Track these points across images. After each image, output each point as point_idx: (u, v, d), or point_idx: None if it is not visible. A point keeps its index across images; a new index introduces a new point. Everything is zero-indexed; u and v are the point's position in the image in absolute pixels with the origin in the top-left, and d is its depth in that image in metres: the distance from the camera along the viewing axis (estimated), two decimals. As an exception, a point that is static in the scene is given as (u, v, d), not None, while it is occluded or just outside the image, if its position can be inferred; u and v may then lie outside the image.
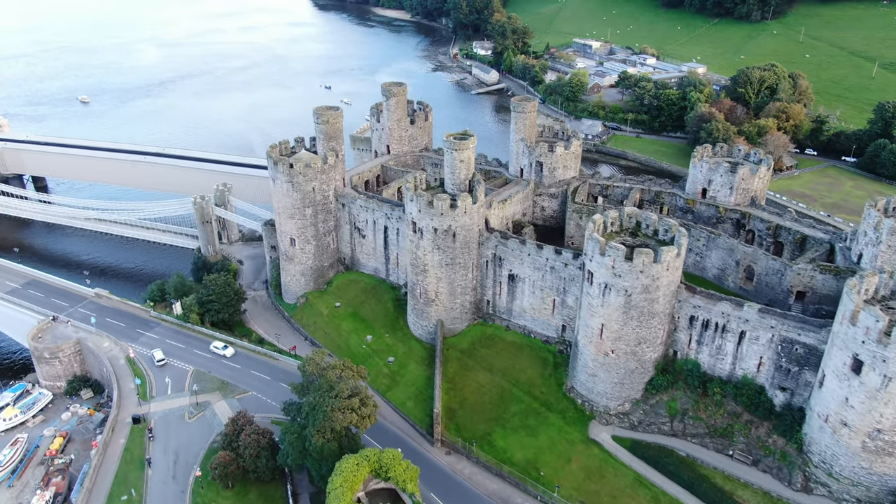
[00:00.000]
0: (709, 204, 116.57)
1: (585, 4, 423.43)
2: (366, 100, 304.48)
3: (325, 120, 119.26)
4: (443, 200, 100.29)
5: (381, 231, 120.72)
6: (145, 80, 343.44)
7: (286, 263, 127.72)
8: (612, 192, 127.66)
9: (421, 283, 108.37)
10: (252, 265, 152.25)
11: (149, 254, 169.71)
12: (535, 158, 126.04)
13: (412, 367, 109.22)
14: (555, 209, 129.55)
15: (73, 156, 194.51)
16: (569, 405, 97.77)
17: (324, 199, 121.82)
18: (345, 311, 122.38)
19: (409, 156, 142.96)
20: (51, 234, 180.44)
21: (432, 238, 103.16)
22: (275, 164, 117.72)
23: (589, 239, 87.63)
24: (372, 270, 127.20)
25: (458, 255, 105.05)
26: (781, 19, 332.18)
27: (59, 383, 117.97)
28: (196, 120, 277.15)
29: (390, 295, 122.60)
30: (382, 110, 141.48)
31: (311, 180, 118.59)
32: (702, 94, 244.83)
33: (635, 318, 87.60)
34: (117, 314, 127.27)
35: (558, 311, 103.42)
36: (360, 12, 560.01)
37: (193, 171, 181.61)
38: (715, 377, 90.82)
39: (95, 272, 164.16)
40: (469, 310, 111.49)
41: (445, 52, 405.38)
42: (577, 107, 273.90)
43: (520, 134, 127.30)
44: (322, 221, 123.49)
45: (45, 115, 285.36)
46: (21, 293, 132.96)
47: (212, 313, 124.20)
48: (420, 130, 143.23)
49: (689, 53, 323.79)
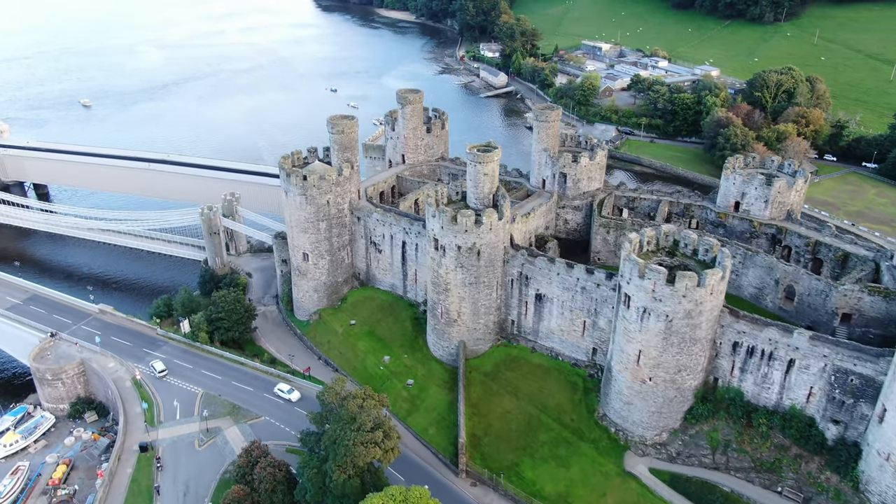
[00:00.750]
0: (742, 218, 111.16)
1: (593, 6, 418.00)
2: (373, 104, 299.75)
3: (339, 130, 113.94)
4: (467, 217, 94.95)
5: (399, 246, 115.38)
6: (147, 82, 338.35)
7: (298, 279, 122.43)
8: (639, 204, 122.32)
9: (442, 302, 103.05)
10: (261, 278, 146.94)
11: (154, 265, 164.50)
12: (558, 169, 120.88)
13: (433, 391, 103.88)
14: (578, 222, 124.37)
15: (75, 163, 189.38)
16: (601, 434, 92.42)
17: (338, 213, 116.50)
18: (360, 329, 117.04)
19: (424, 165, 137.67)
20: (53, 244, 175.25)
21: (455, 256, 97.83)
22: (287, 176, 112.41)
23: (626, 260, 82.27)
24: (388, 287, 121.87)
25: (483, 273, 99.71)
26: (795, 21, 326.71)
27: (62, 406, 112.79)
28: (200, 124, 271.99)
29: (408, 313, 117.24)
30: (397, 118, 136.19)
31: (325, 193, 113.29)
32: (717, 98, 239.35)
33: (676, 344, 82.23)
34: (122, 332, 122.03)
35: (589, 334, 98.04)
36: (363, 13, 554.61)
37: (200, 179, 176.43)
38: (760, 407, 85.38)
39: (99, 284, 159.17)
40: (492, 330, 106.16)
41: (452, 54, 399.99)
42: (589, 111, 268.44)
43: (542, 144, 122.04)
44: (336, 236, 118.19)
45: (46, 120, 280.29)
46: (22, 309, 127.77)
47: (221, 331, 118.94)
48: (436, 139, 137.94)
49: (702, 56, 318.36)
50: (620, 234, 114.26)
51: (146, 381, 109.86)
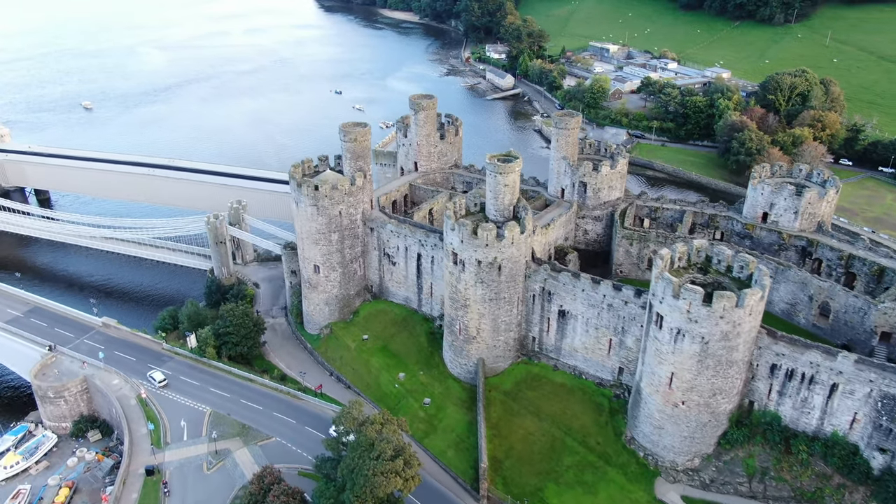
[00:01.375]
0: (770, 230, 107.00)
1: (599, 6, 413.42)
2: (378, 106, 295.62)
3: (352, 138, 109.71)
4: (488, 231, 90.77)
5: (414, 259, 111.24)
6: (150, 84, 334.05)
7: (309, 291, 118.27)
8: (662, 214, 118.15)
9: (461, 318, 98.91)
10: (269, 289, 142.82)
11: (158, 274, 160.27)
12: (578, 178, 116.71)
13: (451, 411, 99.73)
14: (598, 232, 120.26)
15: (77, 168, 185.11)
16: (630, 458, 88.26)
17: (351, 224, 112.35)
18: (374, 344, 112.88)
19: (438, 173, 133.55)
20: (54, 251, 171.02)
21: (475, 271, 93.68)
22: (298, 186, 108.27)
23: (659, 278, 78.08)
24: (402, 300, 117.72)
25: (503, 289, 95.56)
26: (805, 22, 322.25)
27: (65, 424, 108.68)
28: (203, 127, 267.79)
29: (423, 328, 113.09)
30: (409, 124, 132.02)
31: (337, 203, 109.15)
32: (730, 101, 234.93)
33: (711, 367, 78.06)
34: (126, 346, 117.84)
35: (615, 352, 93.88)
36: (366, 14, 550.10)
37: (205, 186, 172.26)
38: (799, 433, 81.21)
39: (101, 294, 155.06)
40: (513, 347, 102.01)
41: (457, 56, 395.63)
42: (599, 114, 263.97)
43: (561, 152, 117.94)
44: (349, 247, 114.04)
45: (47, 123, 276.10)
46: (23, 322, 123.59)
47: (229, 346, 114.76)
48: (450, 146, 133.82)
49: (711, 57, 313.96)
50: (644, 247, 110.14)
51: (151, 399, 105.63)
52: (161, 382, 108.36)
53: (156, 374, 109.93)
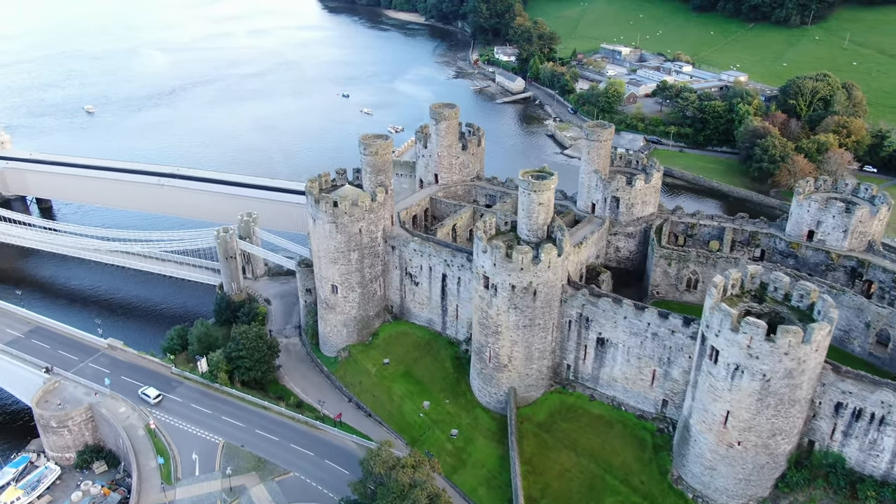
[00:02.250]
0: (817, 249, 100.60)
1: (610, 8, 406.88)
2: (387, 110, 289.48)
3: (373, 151, 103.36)
4: (523, 254, 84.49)
5: (439, 279, 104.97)
6: (153, 87, 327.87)
7: (326, 312, 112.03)
8: (698, 231, 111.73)
9: (491, 345, 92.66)
10: (281, 306, 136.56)
11: (165, 288, 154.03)
12: (610, 193, 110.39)
13: (480, 444, 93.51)
14: (631, 250, 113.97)
15: (80, 177, 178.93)
16: (677, 500, 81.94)
17: (371, 242, 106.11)
18: (395, 369, 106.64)
19: (459, 186, 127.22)
20: (56, 264, 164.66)
21: (508, 296, 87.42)
22: (316, 203, 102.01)
23: (715, 310, 71.78)
24: (425, 322, 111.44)
25: (538, 315, 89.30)
26: (822, 24, 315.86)
27: (69, 455, 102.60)
28: (209, 132, 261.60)
29: (448, 352, 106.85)
30: (430, 134, 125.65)
31: (357, 221, 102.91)
32: (750, 106, 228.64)
33: (772, 406, 71.76)
34: (133, 370, 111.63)
35: (659, 384, 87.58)
36: (371, 15, 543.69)
37: (214, 196, 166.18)
38: (866, 476, 74.93)
39: (105, 309, 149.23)
40: (546, 375, 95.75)
41: (465, 58, 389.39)
42: (614, 118, 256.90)
43: (593, 165, 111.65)
44: (369, 266, 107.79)
45: (49, 128, 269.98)
46: (24, 344, 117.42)
47: (242, 371, 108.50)
48: (472, 157, 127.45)
49: (726, 60, 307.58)
50: (683, 267, 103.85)
51: (161, 429, 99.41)
52: (156, 399, 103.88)
53: (149, 390, 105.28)
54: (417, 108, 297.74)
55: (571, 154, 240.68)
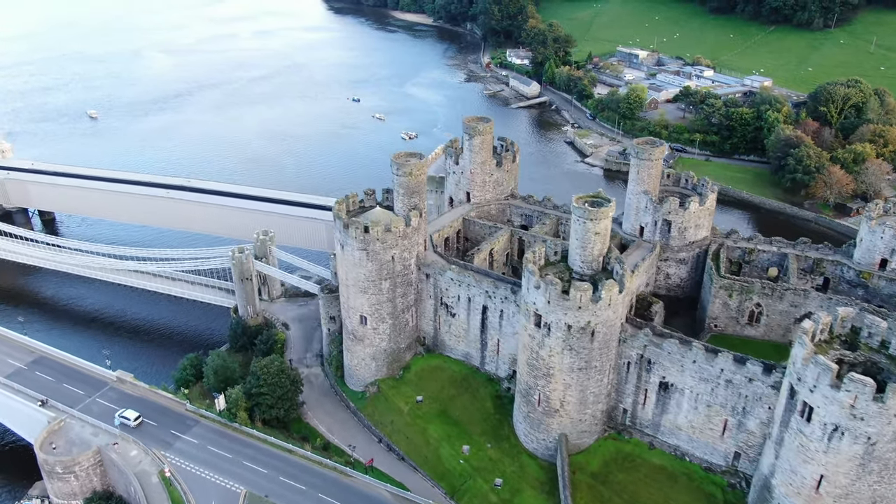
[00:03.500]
0: (891, 279, 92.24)
1: (624, 9, 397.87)
2: (399, 115, 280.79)
3: (407, 172, 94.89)
4: (583, 291, 75.98)
5: (479, 311, 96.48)
6: (158, 91, 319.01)
7: (353, 344, 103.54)
8: (756, 257, 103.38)
9: (541, 388, 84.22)
10: (300, 330, 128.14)
11: (175, 309, 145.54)
12: (661, 216, 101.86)
13: (528, 495, 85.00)
14: (682, 277, 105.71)
15: (85, 189, 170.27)
16: (756, 568, 73.54)
17: (404, 270, 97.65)
18: (430, 408, 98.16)
19: (493, 205, 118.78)
20: (59, 281, 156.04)
21: (563, 337, 78.93)
22: (345, 228, 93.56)
23: (810, 362, 63.31)
24: (461, 356, 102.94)
25: (595, 357, 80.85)
26: (845, 27, 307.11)
27: (75, 502, 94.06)
28: (217, 139, 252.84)
29: (488, 390, 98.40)
30: (462, 150, 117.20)
31: (390, 247, 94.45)
32: (779, 113, 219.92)
33: (875, 472, 63.32)
34: (145, 406, 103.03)
35: (731, 435, 79.08)
36: (377, 16, 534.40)
37: (226, 210, 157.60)
38: (979, 550, 66.44)
39: (111, 331, 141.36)
40: (600, 420, 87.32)
41: (476, 60, 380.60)
42: (635, 125, 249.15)
43: (642, 185, 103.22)
44: (401, 296, 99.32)
45: (51, 134, 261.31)
46: (27, 376, 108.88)
47: (263, 409, 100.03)
48: (506, 174, 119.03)
49: (747, 64, 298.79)
50: (745, 299, 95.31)
51: (176, 476, 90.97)
52: (136, 421, 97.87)
53: (128, 412, 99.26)
54: (430, 113, 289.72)
55: (593, 163, 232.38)
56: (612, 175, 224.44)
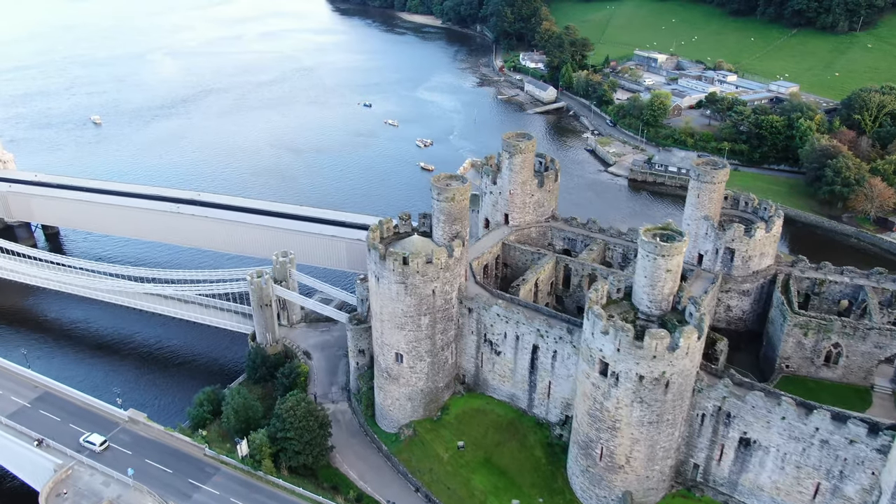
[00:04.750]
0: None
1: (639, 12, 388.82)
2: (413, 122, 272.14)
3: (449, 197, 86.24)
4: (659, 339, 67.38)
5: (528, 350, 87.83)
6: (163, 97, 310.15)
7: (387, 383, 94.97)
8: (827, 289, 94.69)
9: (605, 442, 75.62)
10: (323, 360, 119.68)
11: (187, 333, 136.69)
12: (724, 244, 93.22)
13: (589, 560, 76.44)
14: (745, 309, 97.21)
15: (90, 203, 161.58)
16: None
17: (445, 304, 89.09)
18: (473, 455, 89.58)
19: (533, 227, 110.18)
20: (62, 302, 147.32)
21: (634, 388, 70.34)
22: (381, 259, 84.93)
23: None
24: (506, 397, 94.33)
25: (668, 409, 72.24)
26: (871, 31, 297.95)
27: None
28: (227, 147, 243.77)
29: (537, 436, 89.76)
30: (500, 169, 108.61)
31: (431, 281, 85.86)
32: (812, 121, 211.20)
33: None
34: (159, 451, 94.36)
35: (824, 500, 70.40)
36: (384, 17, 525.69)
37: (240, 227, 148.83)
38: None
39: (118, 357, 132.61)
40: (668, 476, 78.68)
41: (488, 64, 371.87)
42: (659, 132, 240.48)
43: (703, 210, 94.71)
44: (441, 332, 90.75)
45: (54, 142, 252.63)
46: (30, 416, 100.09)
47: (289, 454, 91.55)
48: (548, 194, 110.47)
49: (771, 69, 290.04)
50: (823, 338, 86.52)
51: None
52: (102, 446, 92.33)
53: (93, 437, 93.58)
54: (445, 119, 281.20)
55: (617, 172, 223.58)
56: (638, 186, 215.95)
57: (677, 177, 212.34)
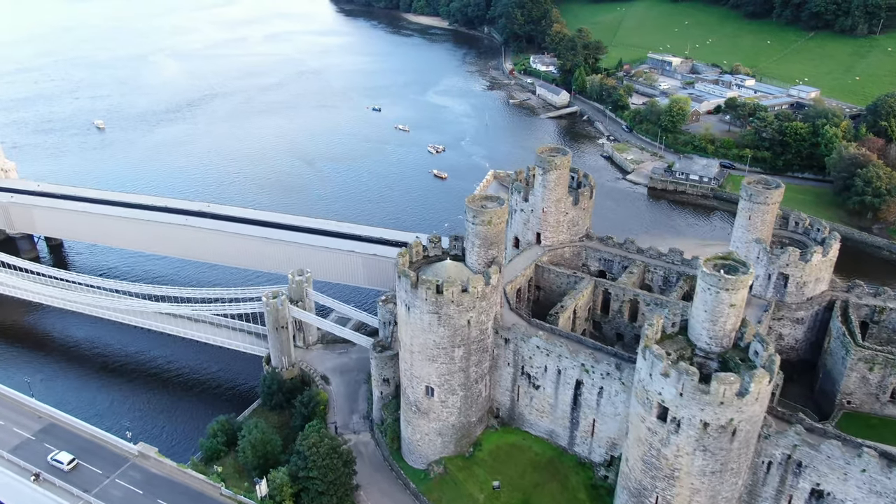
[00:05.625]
0: None
1: (650, 13, 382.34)
2: (423, 127, 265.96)
3: (486, 220, 79.94)
4: (728, 384, 61.14)
5: (570, 385, 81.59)
6: (167, 100, 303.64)
7: (416, 417, 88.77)
8: (888, 317, 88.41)
9: (661, 491, 69.38)
10: (342, 385, 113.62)
11: (197, 354, 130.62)
12: (777, 269, 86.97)
13: None
14: (798, 338, 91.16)
15: (94, 215, 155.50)
16: None
17: (481, 335, 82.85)
18: (510, 497, 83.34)
19: (567, 247, 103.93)
20: (64, 319, 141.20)
21: (697, 436, 64.06)
22: (413, 287, 78.68)
23: None
24: (544, 433, 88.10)
25: (733, 458, 65.96)
26: (892, 34, 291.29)
27: None
28: (233, 154, 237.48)
29: (580, 478, 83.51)
30: (531, 185, 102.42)
31: (466, 311, 79.61)
32: (838, 128, 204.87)
33: None
34: (172, 491, 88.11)
35: (908, 561, 64.10)
36: (390, 19, 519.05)
37: (252, 241, 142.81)
38: None
39: (124, 379, 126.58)
40: (727, 527, 72.31)
41: (498, 66, 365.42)
42: (678, 139, 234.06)
43: (755, 233, 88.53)
44: (475, 364, 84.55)
45: (57, 147, 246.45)
46: (34, 449, 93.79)
47: (312, 494, 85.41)
48: (582, 212, 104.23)
49: (789, 73, 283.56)
50: (889, 374, 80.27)
51: (215, 586, 76.32)
52: (70, 465, 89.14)
53: (61, 455, 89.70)
54: (456, 124, 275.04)
55: (636, 180, 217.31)
56: (658, 195, 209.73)
57: (699, 185, 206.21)
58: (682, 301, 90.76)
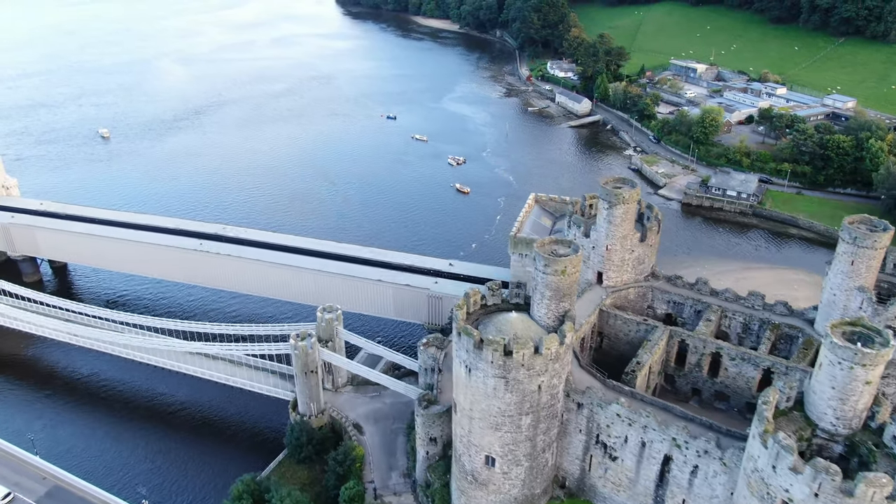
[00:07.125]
0: None
1: (670, 18, 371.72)
2: (442, 137, 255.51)
3: (560, 270, 69.40)
4: (878, 487, 50.62)
5: (657, 460, 70.91)
6: (175, 107, 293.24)
7: (472, 488, 78.20)
8: None
9: None
10: (377, 435, 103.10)
11: (214, 393, 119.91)
12: (885, 321, 76.30)
13: None
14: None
15: (101, 237, 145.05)
16: None
17: (551, 400, 72.29)
18: (583, 585, 72.85)
19: (631, 288, 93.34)
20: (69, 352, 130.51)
21: (833, 543, 53.42)
22: (476, 348, 68.12)
23: None
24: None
25: (873, 566, 55.29)
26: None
27: None
28: (245, 167, 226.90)
29: (665, 563, 72.91)
30: (593, 219, 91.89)
31: (538, 375, 69.06)
32: (883, 141, 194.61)
33: None
34: (197, 571, 77.93)
35: None
36: (399, 22, 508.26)
37: (272, 269, 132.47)
38: None
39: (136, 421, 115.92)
40: None
41: (513, 72, 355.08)
42: (710, 151, 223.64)
43: (858, 280, 77.73)
44: (543, 433, 73.99)
45: (60, 159, 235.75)
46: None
47: (355, 578, 74.98)
48: (649, 249, 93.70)
49: (819, 81, 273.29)
50: None
51: None
52: (6, 499, 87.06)
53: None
54: (476, 133, 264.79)
55: (669, 195, 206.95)
56: (693, 211, 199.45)
57: (737, 202, 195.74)
58: (771, 357, 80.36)
